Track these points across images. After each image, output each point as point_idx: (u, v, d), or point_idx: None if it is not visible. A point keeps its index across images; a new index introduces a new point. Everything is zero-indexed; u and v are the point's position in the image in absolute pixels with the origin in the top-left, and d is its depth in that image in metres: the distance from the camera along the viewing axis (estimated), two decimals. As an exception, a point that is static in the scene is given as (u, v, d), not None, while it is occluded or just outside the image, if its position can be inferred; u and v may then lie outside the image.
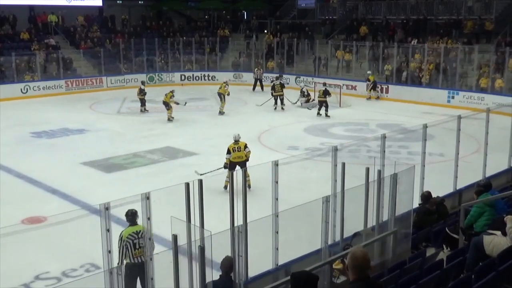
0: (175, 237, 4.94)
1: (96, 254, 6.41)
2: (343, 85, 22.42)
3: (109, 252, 5.93)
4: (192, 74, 27.85)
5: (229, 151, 10.97)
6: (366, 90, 22.98)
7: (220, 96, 19.66)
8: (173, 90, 18.76)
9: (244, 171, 6.62)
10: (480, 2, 25.00)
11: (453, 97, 21.25)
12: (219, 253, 5.41)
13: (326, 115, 19.00)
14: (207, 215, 5.81)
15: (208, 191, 5.99)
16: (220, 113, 19.43)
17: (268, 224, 6.51)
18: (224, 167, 11.03)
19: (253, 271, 6.35)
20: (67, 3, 28.17)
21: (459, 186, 9.69)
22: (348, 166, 7.06)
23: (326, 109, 19.01)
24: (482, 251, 5.84)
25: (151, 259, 5.67)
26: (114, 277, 5.23)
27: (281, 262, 6.66)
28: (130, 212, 6.49)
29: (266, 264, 6.69)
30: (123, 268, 6.09)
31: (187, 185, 5.53)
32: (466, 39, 23.19)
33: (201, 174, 10.38)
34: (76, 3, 28.57)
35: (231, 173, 6.45)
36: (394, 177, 6.45)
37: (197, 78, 27.66)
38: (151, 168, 12.87)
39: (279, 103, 20.48)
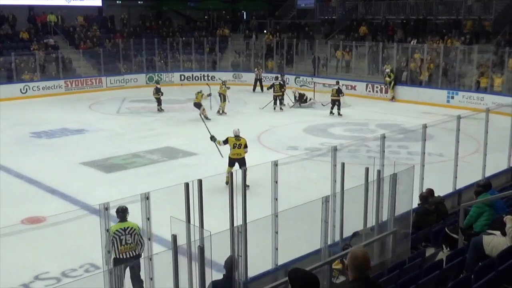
0: (174, 237, 4.95)
1: (96, 254, 6.43)
2: (342, 85, 22.36)
3: (108, 252, 5.94)
4: (192, 74, 27.83)
5: (226, 141, 11.17)
6: (389, 89, 22.51)
7: (220, 96, 19.67)
8: (201, 90, 18.85)
9: (244, 171, 6.62)
10: (480, 2, 25.01)
11: (452, 97, 21.25)
12: (219, 253, 5.40)
13: (339, 113, 19.10)
14: (207, 215, 5.81)
15: (208, 191, 5.99)
16: (219, 113, 19.43)
17: (268, 224, 6.51)
18: (211, 138, 11.56)
19: (252, 271, 6.35)
20: (67, 3, 28.16)
21: (458, 186, 9.69)
22: (348, 166, 7.07)
23: (338, 107, 19.11)
24: (482, 251, 5.84)
25: (151, 259, 5.67)
26: (114, 277, 5.23)
27: (280, 262, 6.65)
28: (120, 209, 6.52)
29: (266, 264, 6.69)
30: (110, 261, 6.19)
31: (187, 185, 5.53)
32: (465, 38, 23.19)
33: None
34: (76, 3, 28.55)
35: (231, 173, 6.46)
36: (394, 177, 6.45)
37: (196, 78, 27.61)
38: (150, 168, 12.86)
39: (278, 104, 20.48)
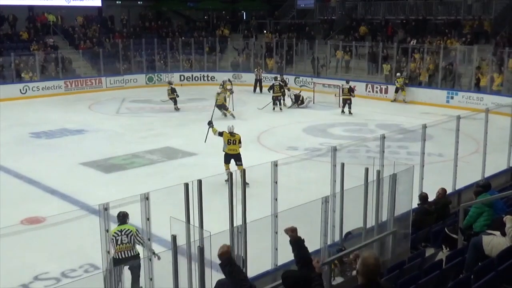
0: (174, 237, 4.95)
1: (95, 255, 6.41)
2: (342, 85, 22.38)
3: (108, 252, 5.93)
4: (192, 75, 27.82)
5: (221, 134, 11.42)
6: (402, 91, 22.20)
7: (220, 108, 18.38)
8: (222, 86, 18.96)
9: (243, 171, 6.63)
10: (479, 2, 25.01)
11: (452, 97, 21.24)
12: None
13: (350, 112, 19.19)
14: (206, 215, 5.81)
15: (208, 192, 5.99)
16: (232, 116, 18.54)
17: (268, 224, 6.51)
18: (209, 123, 12.34)
19: (252, 271, 6.34)
20: (66, 3, 28.17)
21: (458, 186, 9.70)
22: (347, 167, 7.08)
23: (349, 106, 19.20)
24: (481, 251, 5.84)
25: (151, 259, 5.68)
26: (113, 278, 5.23)
27: (280, 263, 6.65)
28: (121, 214, 6.85)
29: (266, 264, 6.69)
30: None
31: (186, 185, 5.54)
32: (465, 39, 23.21)
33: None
34: (75, 3, 28.55)
35: (230, 174, 6.47)
36: (393, 177, 6.45)
37: (196, 78, 27.63)
38: (150, 169, 12.86)
39: (278, 104, 20.45)
